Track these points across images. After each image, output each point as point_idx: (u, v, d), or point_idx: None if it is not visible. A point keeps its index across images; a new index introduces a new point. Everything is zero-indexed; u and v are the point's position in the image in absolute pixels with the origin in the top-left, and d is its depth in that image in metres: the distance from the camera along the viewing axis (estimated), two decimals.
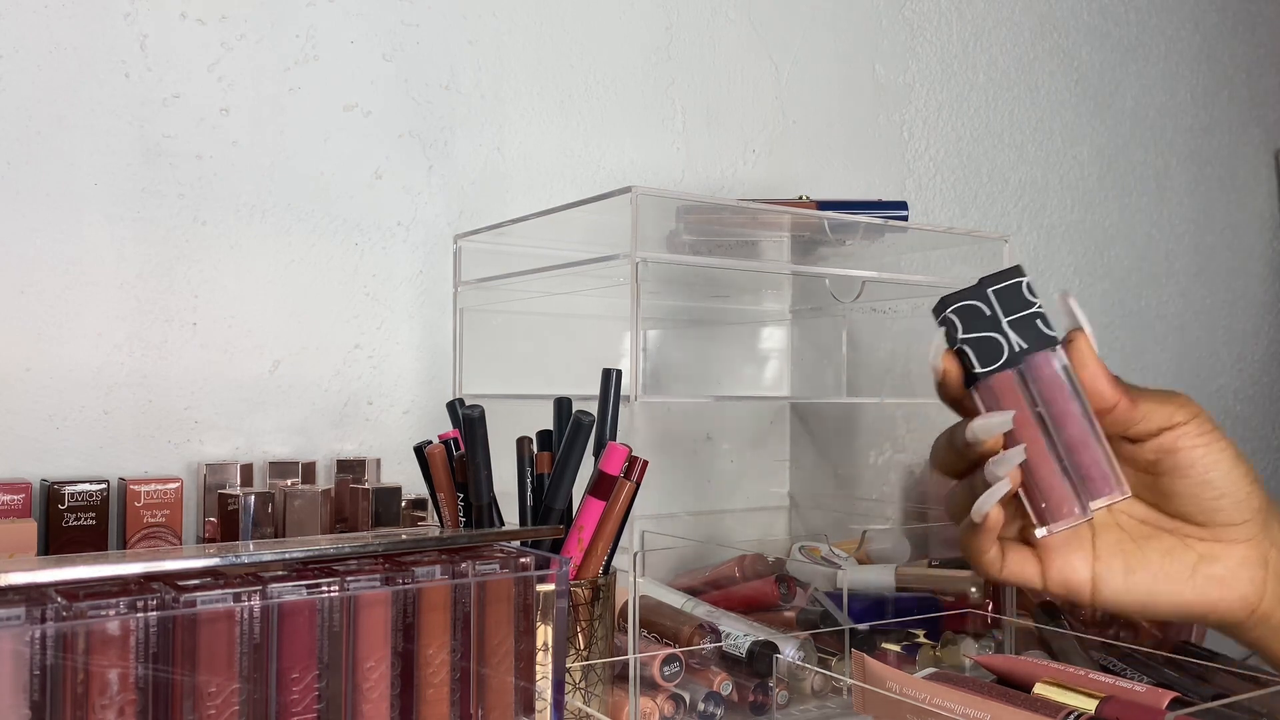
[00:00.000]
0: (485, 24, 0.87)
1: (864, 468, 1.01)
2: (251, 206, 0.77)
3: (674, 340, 0.93)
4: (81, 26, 0.71)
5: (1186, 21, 1.42)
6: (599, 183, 0.92)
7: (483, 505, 0.60)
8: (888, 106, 1.11)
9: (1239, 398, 1.48)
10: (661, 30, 0.96)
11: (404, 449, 0.81)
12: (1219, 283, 1.45)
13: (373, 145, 0.81)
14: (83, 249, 0.71)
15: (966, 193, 1.18)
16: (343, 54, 0.80)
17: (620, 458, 0.59)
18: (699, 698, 0.63)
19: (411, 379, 0.83)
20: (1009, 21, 1.23)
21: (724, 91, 1.00)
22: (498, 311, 0.82)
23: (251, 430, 0.76)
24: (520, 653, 0.48)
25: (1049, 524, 0.48)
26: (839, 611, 0.70)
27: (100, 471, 0.71)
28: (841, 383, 0.95)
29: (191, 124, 0.74)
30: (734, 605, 0.73)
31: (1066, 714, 0.49)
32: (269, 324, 0.77)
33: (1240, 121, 1.49)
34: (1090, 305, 1.29)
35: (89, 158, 0.71)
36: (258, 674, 0.41)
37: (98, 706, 0.38)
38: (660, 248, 0.75)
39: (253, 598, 0.41)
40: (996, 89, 1.21)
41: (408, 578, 0.45)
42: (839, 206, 0.84)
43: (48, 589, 0.39)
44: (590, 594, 0.59)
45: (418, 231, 0.83)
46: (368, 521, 0.71)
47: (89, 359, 0.71)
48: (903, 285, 0.81)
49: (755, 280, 0.90)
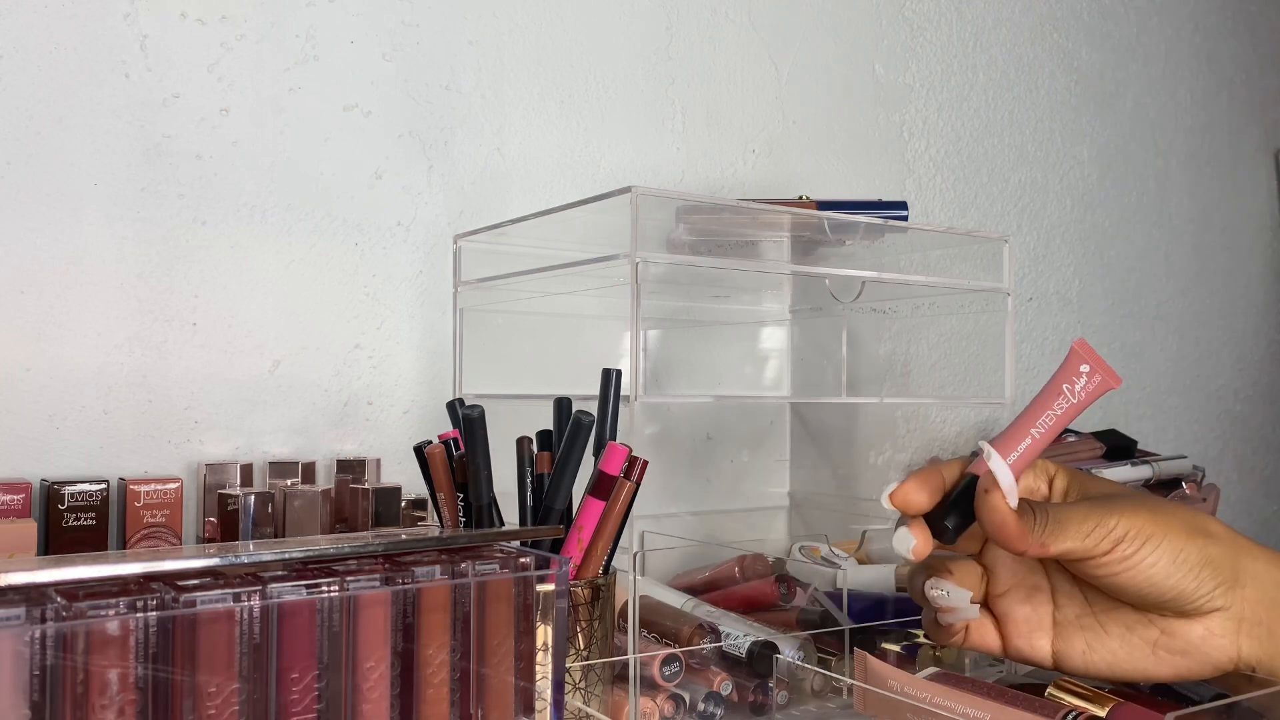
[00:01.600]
0: (485, 24, 0.87)
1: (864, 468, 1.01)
2: (251, 206, 0.77)
3: (674, 340, 0.93)
4: (81, 26, 0.71)
5: (1186, 21, 1.42)
6: (599, 183, 0.92)
7: (483, 505, 0.60)
8: (888, 106, 1.11)
9: (1239, 398, 1.48)
10: (661, 30, 0.96)
11: (404, 449, 0.81)
12: (1219, 283, 1.45)
13: (373, 145, 0.81)
14: (83, 249, 0.71)
15: (966, 193, 1.18)
16: (343, 54, 0.80)
17: (620, 458, 0.59)
18: (699, 698, 0.63)
19: (411, 379, 0.83)
20: (1009, 21, 1.23)
21: (724, 91, 1.00)
22: (498, 311, 0.82)
23: (251, 430, 0.76)
24: (520, 653, 0.48)
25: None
26: (839, 611, 0.70)
27: (100, 471, 0.71)
28: (841, 383, 0.95)
29: (191, 124, 0.74)
30: (734, 605, 0.73)
31: (1066, 713, 0.49)
32: (269, 324, 0.77)
33: (1240, 122, 1.49)
34: (1090, 305, 1.29)
35: (89, 158, 0.71)
36: (258, 674, 0.41)
37: (98, 706, 0.38)
38: (660, 248, 0.75)
39: (253, 598, 0.41)
40: (996, 89, 1.21)
41: (408, 578, 0.45)
42: (839, 206, 0.84)
43: (48, 589, 0.39)
44: (590, 594, 0.59)
45: (418, 231, 0.83)
46: (368, 521, 0.71)
47: (89, 359, 0.71)
48: (903, 285, 0.81)
49: (755, 280, 0.90)
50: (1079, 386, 0.50)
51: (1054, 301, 1.25)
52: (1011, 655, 0.54)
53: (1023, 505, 0.50)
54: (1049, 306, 1.25)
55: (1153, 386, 1.36)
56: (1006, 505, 0.49)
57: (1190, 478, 0.95)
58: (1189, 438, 1.40)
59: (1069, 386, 0.50)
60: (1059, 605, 0.54)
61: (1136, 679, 0.52)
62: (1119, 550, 0.49)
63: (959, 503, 0.51)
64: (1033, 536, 0.49)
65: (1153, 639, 0.51)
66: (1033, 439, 0.50)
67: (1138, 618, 0.51)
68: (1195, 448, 1.40)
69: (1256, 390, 1.50)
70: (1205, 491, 0.93)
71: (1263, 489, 1.51)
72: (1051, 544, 0.49)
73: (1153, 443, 1.30)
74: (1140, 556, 0.49)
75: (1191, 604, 0.49)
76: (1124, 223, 1.34)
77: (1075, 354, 0.50)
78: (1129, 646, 0.51)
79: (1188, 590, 0.49)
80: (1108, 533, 0.49)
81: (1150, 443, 1.28)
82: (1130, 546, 0.49)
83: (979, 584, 0.54)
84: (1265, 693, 0.50)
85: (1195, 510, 0.52)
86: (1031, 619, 0.54)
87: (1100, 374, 0.50)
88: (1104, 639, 0.52)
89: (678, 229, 0.75)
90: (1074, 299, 1.27)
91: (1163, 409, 1.37)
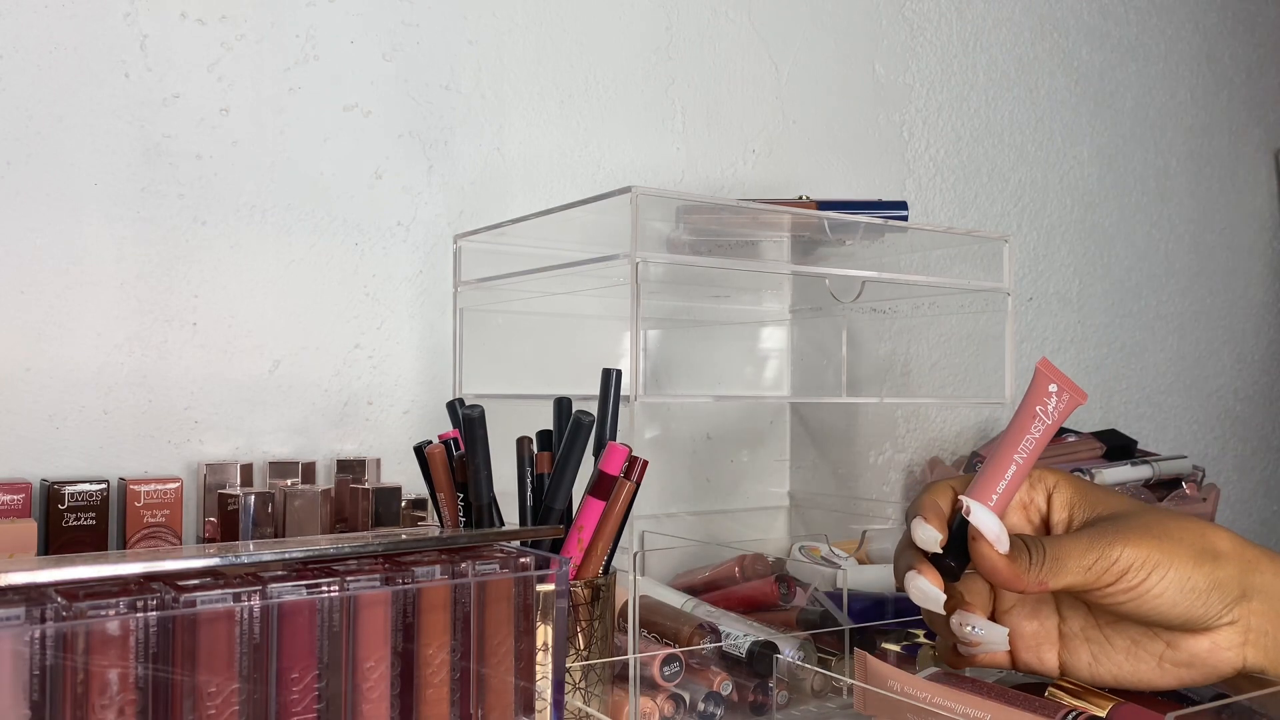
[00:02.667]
0: (485, 24, 0.87)
1: (864, 468, 1.02)
2: (251, 206, 0.77)
3: (674, 340, 0.93)
4: (81, 26, 0.71)
5: (1186, 21, 1.42)
6: (599, 183, 0.92)
7: (483, 505, 0.60)
8: (888, 106, 1.11)
9: (1239, 398, 1.48)
10: (661, 30, 0.96)
11: (404, 449, 0.81)
12: (1219, 283, 1.45)
13: (373, 145, 0.81)
14: (83, 249, 0.71)
15: (966, 193, 1.18)
16: (343, 54, 0.80)
17: (620, 458, 0.59)
18: (699, 698, 0.63)
19: (411, 379, 0.83)
20: (1009, 21, 1.23)
21: (724, 91, 1.00)
22: (498, 311, 0.82)
23: (251, 430, 0.76)
24: (520, 653, 0.48)
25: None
26: (839, 611, 0.70)
27: (100, 471, 0.71)
28: (841, 383, 0.95)
29: (191, 124, 0.74)
30: (734, 605, 0.73)
31: (1066, 713, 0.49)
32: (269, 324, 0.77)
33: (1240, 122, 1.49)
34: (1090, 305, 1.29)
35: (89, 158, 0.71)
36: (258, 674, 0.41)
37: (98, 706, 0.38)
38: (660, 248, 0.75)
39: (253, 598, 0.41)
40: (996, 89, 1.21)
41: (408, 578, 0.45)
42: (839, 206, 0.84)
43: (48, 589, 0.39)
44: (590, 594, 0.59)
45: (418, 231, 0.83)
46: (368, 521, 0.71)
47: (89, 359, 0.71)
48: (903, 285, 0.81)
49: (755, 280, 0.90)
50: (1051, 406, 0.50)
51: (1054, 301, 1.25)
52: (1020, 668, 0.54)
53: (1017, 544, 0.49)
54: (1049, 306, 1.25)
55: (1153, 386, 1.36)
56: (996, 553, 0.49)
57: (1190, 478, 0.95)
58: (1189, 438, 1.40)
59: (1042, 408, 0.50)
60: (1064, 618, 0.54)
61: (1142, 689, 0.52)
62: (1123, 582, 0.48)
63: (956, 542, 0.51)
64: (1030, 575, 0.48)
65: (1158, 652, 0.51)
66: (1017, 465, 0.50)
67: (1143, 632, 0.51)
68: (1195, 448, 1.40)
69: (1256, 390, 1.50)
70: (1205, 491, 0.93)
71: (1263, 489, 1.51)
72: (1051, 580, 0.49)
73: (1153, 443, 1.30)
74: (1146, 587, 0.48)
75: (1200, 624, 0.49)
76: (1124, 223, 1.34)
77: (1041, 374, 0.50)
78: (1134, 659, 0.51)
79: (1195, 615, 0.49)
80: (1111, 564, 0.48)
81: (1150, 443, 1.28)
82: (1136, 577, 0.48)
83: (987, 601, 0.54)
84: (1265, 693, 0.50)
85: (1203, 525, 0.51)
86: (1039, 633, 0.54)
87: (1068, 391, 0.50)
88: (1109, 652, 0.52)
89: (678, 229, 0.75)
90: (1074, 299, 1.27)
91: (1163, 409, 1.37)
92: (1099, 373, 1.29)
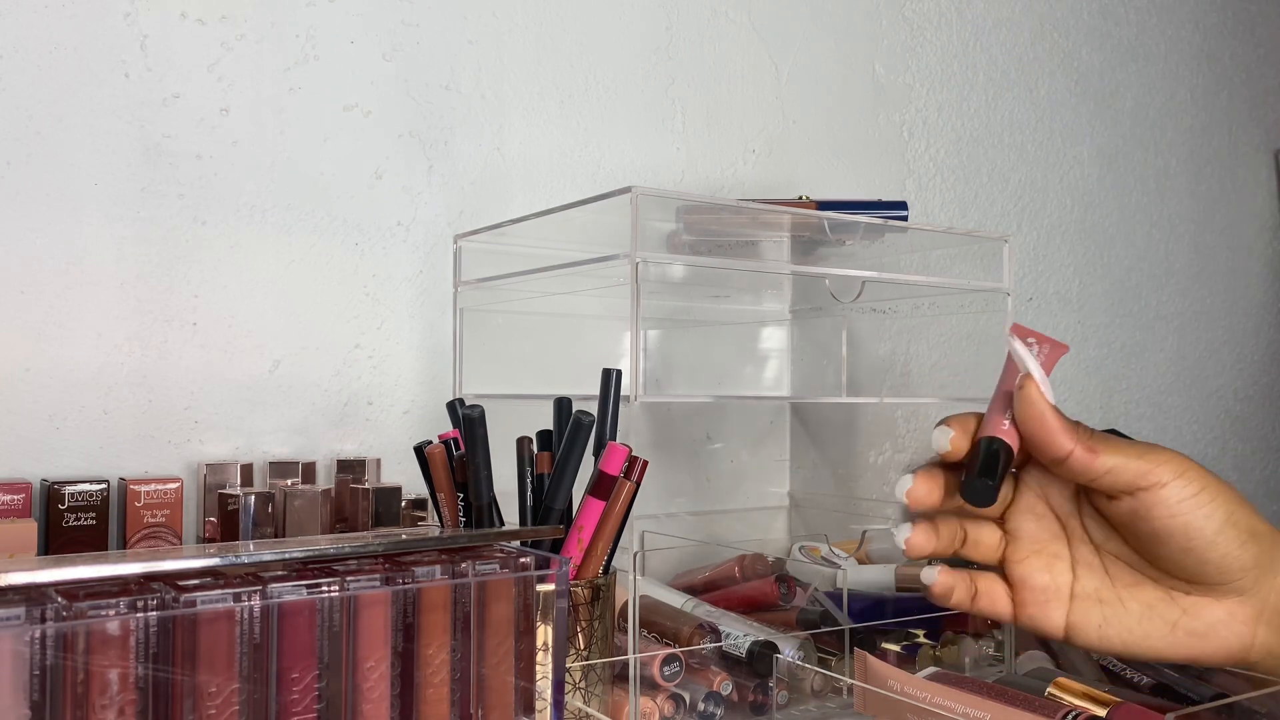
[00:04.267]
0: (485, 24, 0.87)
1: (864, 468, 1.02)
2: (251, 206, 0.77)
3: (674, 340, 0.93)
4: (81, 26, 0.71)
5: (1186, 21, 1.42)
6: (599, 183, 0.92)
7: (483, 505, 0.60)
8: (888, 106, 1.11)
9: (1239, 398, 1.48)
10: (661, 30, 0.96)
11: (404, 449, 0.81)
12: (1219, 283, 1.45)
13: (373, 145, 0.81)
14: (83, 249, 0.71)
15: (967, 193, 1.18)
16: (343, 54, 0.80)
17: (620, 458, 0.59)
18: (699, 698, 0.63)
19: (411, 379, 0.83)
20: (1009, 21, 1.23)
21: (724, 91, 1.00)
22: (498, 311, 0.82)
23: (251, 430, 0.76)
24: (520, 653, 0.48)
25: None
26: (839, 611, 0.70)
27: (100, 471, 0.71)
28: (841, 383, 0.95)
29: (191, 124, 0.74)
30: (734, 605, 0.73)
31: (1066, 713, 0.49)
32: (269, 324, 0.77)
33: (1240, 121, 1.49)
34: (1090, 305, 1.29)
35: (89, 158, 0.71)
36: (258, 674, 0.41)
37: (98, 706, 0.38)
38: (660, 248, 0.75)
39: (253, 598, 0.41)
40: (996, 89, 1.21)
41: (408, 578, 0.45)
42: (839, 206, 0.84)
43: (48, 589, 0.39)
44: (590, 594, 0.59)
45: (418, 231, 0.83)
46: (368, 521, 0.71)
47: (89, 359, 0.71)
48: (903, 285, 0.81)
49: (755, 280, 0.90)
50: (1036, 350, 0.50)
51: (1054, 301, 1.25)
52: (1021, 623, 0.52)
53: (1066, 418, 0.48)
54: (1049, 306, 1.25)
55: (1153, 386, 1.36)
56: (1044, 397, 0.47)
57: None
58: (1189, 438, 1.40)
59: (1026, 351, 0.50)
60: (1079, 577, 0.51)
61: (1149, 658, 0.50)
62: (1174, 487, 0.46)
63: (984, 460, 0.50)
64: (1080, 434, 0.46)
65: (1173, 619, 0.49)
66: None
67: (1160, 595, 0.50)
68: (1195, 448, 1.40)
69: (1256, 390, 1.50)
70: None
71: (1263, 489, 1.51)
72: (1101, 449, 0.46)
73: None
74: (1197, 502, 0.46)
75: (1225, 576, 0.47)
76: (1124, 223, 1.34)
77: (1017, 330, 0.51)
78: (1147, 625, 0.50)
79: (1231, 555, 0.47)
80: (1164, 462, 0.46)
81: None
82: (1188, 488, 0.46)
83: (997, 546, 0.53)
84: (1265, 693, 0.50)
85: None
86: (1049, 588, 0.51)
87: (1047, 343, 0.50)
88: (1122, 615, 0.50)
89: (678, 229, 0.75)
90: (1074, 299, 1.27)
91: (1163, 409, 1.37)
92: (1099, 373, 1.29)
